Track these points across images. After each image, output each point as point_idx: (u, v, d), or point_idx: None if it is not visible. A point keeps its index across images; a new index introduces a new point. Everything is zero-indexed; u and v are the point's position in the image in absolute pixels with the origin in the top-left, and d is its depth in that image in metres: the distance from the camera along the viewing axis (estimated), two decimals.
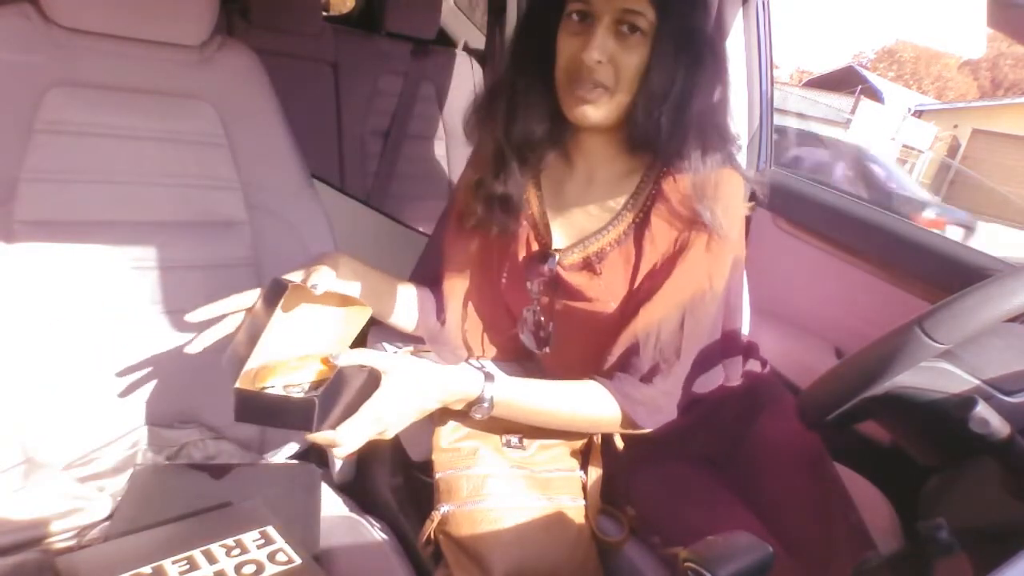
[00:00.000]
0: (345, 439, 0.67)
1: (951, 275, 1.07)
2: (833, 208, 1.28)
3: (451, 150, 2.32)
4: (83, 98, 0.87)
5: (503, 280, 0.92)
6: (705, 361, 0.84)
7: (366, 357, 0.72)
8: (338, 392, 0.70)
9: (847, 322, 1.26)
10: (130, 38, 0.89)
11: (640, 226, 0.83)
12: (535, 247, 0.88)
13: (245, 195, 0.97)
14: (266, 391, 0.68)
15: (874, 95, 18.43)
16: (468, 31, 2.52)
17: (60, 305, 0.86)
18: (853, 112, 15.69)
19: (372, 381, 0.71)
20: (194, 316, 0.76)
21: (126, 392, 0.91)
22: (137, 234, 0.91)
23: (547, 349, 0.91)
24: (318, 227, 1.04)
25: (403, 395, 0.72)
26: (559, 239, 0.88)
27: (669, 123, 0.77)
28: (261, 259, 0.98)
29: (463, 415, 0.82)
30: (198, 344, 0.77)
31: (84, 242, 0.87)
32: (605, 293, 0.83)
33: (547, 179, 0.90)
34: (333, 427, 0.67)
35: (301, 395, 0.69)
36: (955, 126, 19.63)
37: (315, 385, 0.71)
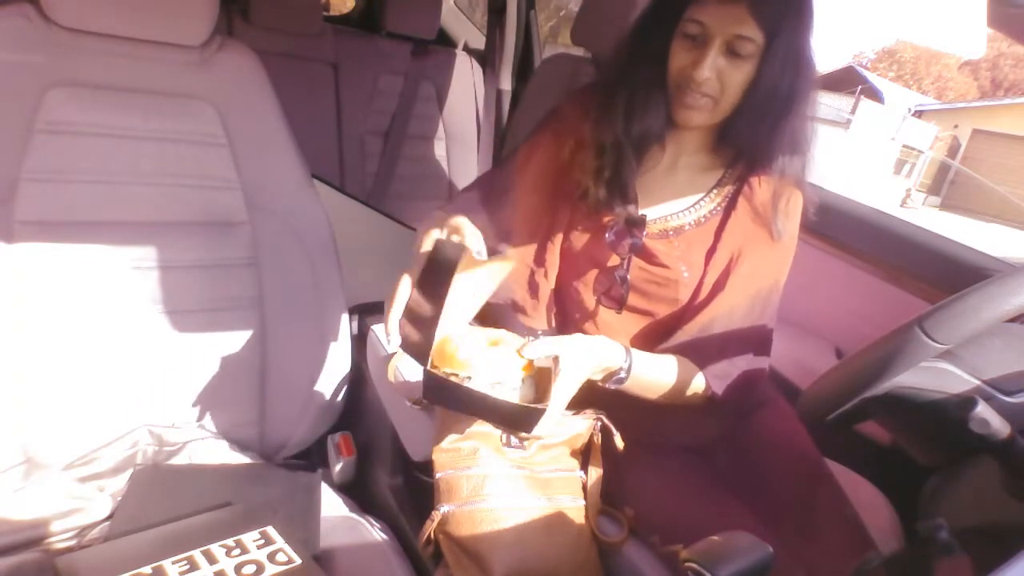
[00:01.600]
0: (551, 430, 0.80)
1: (951, 275, 1.07)
2: (833, 208, 1.28)
3: (451, 150, 2.32)
4: (83, 98, 0.87)
5: (570, 242, 0.94)
6: (759, 348, 0.92)
7: (549, 347, 0.75)
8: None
9: (847, 322, 1.26)
10: (130, 38, 0.89)
11: (721, 216, 0.91)
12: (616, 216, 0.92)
13: (245, 195, 0.97)
14: (477, 390, 0.69)
15: (874, 95, 18.43)
16: (468, 31, 2.52)
17: (60, 305, 0.86)
18: (853, 112, 15.68)
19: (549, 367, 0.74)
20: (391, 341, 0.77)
21: (126, 392, 0.91)
22: (137, 234, 0.91)
23: (621, 310, 0.94)
24: (318, 227, 1.04)
25: (579, 375, 0.77)
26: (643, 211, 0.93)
27: (766, 132, 0.86)
28: (261, 259, 0.98)
29: (459, 421, 0.83)
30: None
31: (84, 242, 0.87)
32: (679, 261, 0.90)
33: None
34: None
35: (516, 396, 0.72)
36: (955, 126, 19.63)
37: (530, 386, 0.74)
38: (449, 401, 0.72)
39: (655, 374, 0.85)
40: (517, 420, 0.69)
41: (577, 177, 0.93)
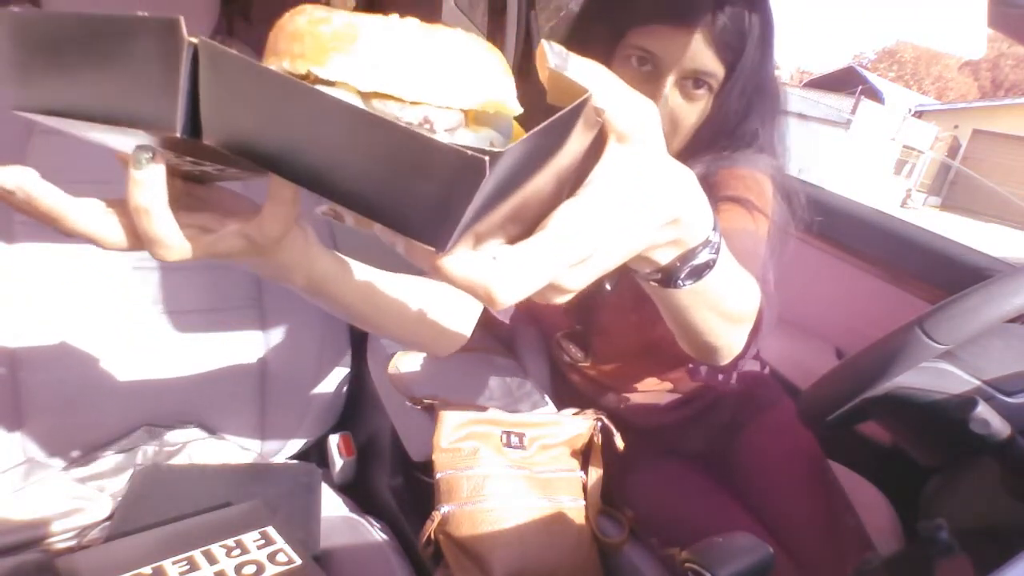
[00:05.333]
0: (513, 286, 0.26)
1: (951, 276, 1.07)
2: (833, 209, 1.28)
3: None
4: None
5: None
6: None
7: (603, 82, 0.30)
8: (530, 157, 0.25)
9: (847, 323, 1.26)
10: None
11: None
12: None
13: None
14: (337, 99, 0.23)
15: (875, 95, 18.45)
16: (468, 31, 2.52)
17: (60, 305, 0.86)
18: (853, 112, 15.69)
19: (582, 153, 0.29)
20: None
21: (126, 392, 0.91)
22: None
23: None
24: (318, 226, 1.04)
25: (635, 199, 0.30)
26: None
27: (714, 161, 0.74)
28: None
29: (461, 421, 0.82)
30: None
31: (84, 242, 0.87)
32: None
33: None
34: (477, 234, 0.27)
35: (446, 138, 0.27)
36: (955, 126, 19.65)
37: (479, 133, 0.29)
38: (271, 132, 0.25)
39: (734, 270, 0.45)
40: (422, 198, 0.23)
41: None
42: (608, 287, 0.83)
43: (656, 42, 0.67)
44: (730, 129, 0.73)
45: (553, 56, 0.28)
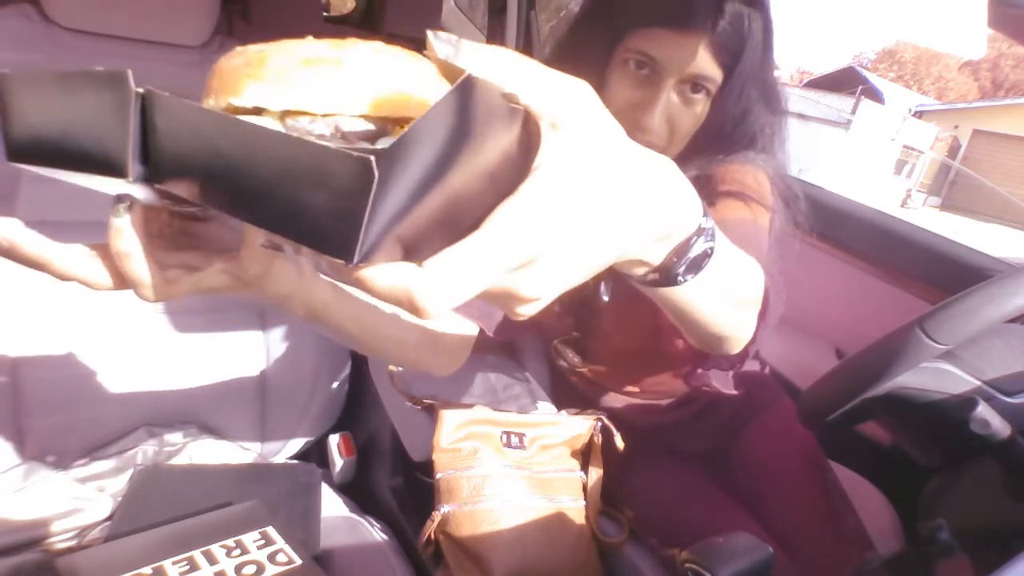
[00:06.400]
0: (438, 295, 0.23)
1: (951, 276, 1.07)
2: (833, 209, 1.28)
3: None
4: None
5: None
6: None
7: (509, 65, 0.26)
8: (433, 151, 0.23)
9: (847, 323, 1.26)
10: (131, 39, 0.89)
11: None
12: None
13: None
14: (244, 120, 0.23)
15: (875, 95, 18.45)
16: (468, 31, 2.52)
17: (60, 305, 0.86)
18: (854, 112, 15.69)
19: (515, 148, 0.27)
20: None
21: (126, 392, 0.91)
22: None
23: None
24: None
25: (588, 193, 0.26)
26: None
27: (708, 162, 0.74)
28: None
29: (461, 421, 0.82)
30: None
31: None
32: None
33: None
34: (406, 244, 0.24)
35: (336, 142, 0.24)
36: (956, 127, 19.65)
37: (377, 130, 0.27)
38: (193, 163, 0.24)
39: (735, 257, 0.42)
40: (320, 211, 0.21)
41: None
42: (605, 297, 0.81)
43: (655, 46, 0.67)
44: (727, 132, 0.73)
45: (441, 45, 0.25)
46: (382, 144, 0.23)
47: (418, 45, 0.27)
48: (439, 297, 0.22)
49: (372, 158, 0.19)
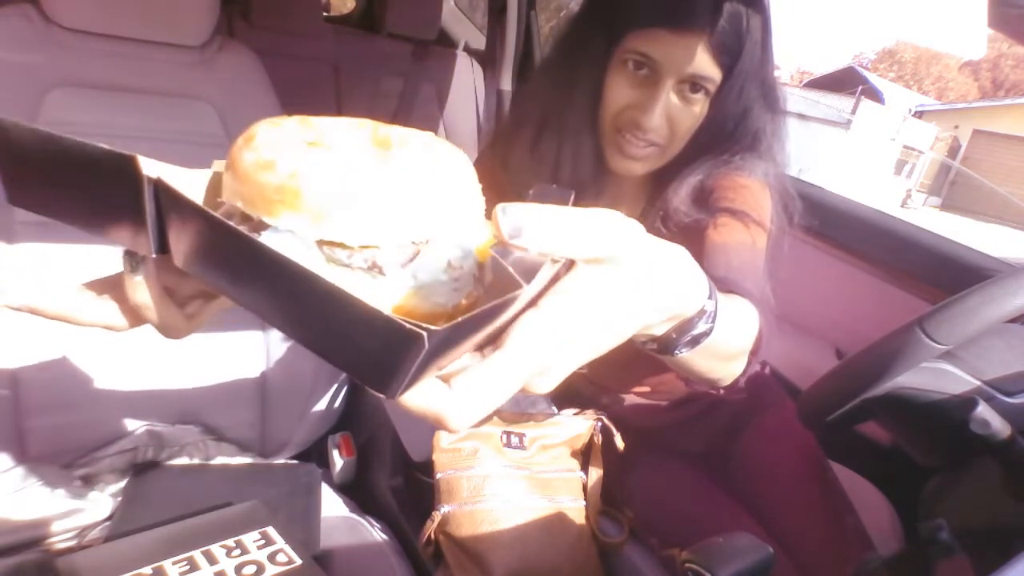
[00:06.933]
0: (466, 413, 0.25)
1: (951, 275, 1.07)
2: (833, 208, 1.28)
3: None
4: (84, 99, 0.87)
5: None
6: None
7: (575, 230, 0.26)
8: (481, 324, 0.25)
9: (847, 323, 1.26)
10: (131, 39, 0.89)
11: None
12: None
13: None
14: (288, 258, 0.22)
15: (875, 96, 18.45)
16: (469, 32, 2.52)
17: None
18: (854, 113, 15.69)
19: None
20: None
21: (126, 392, 0.91)
22: None
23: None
24: None
25: (611, 306, 0.29)
26: None
27: (708, 166, 0.74)
28: None
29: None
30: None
31: (85, 243, 0.87)
32: None
33: None
34: (445, 379, 0.25)
35: (384, 288, 0.27)
36: (956, 127, 19.65)
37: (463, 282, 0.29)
38: (228, 278, 0.26)
39: (733, 319, 0.45)
40: (364, 351, 0.22)
41: None
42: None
43: (654, 47, 0.67)
44: (729, 131, 0.73)
45: (506, 224, 0.24)
46: (419, 265, 0.26)
47: (419, 45, 0.28)
48: (466, 416, 0.24)
49: (425, 335, 0.20)
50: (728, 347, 0.44)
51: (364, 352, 0.22)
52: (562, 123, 0.74)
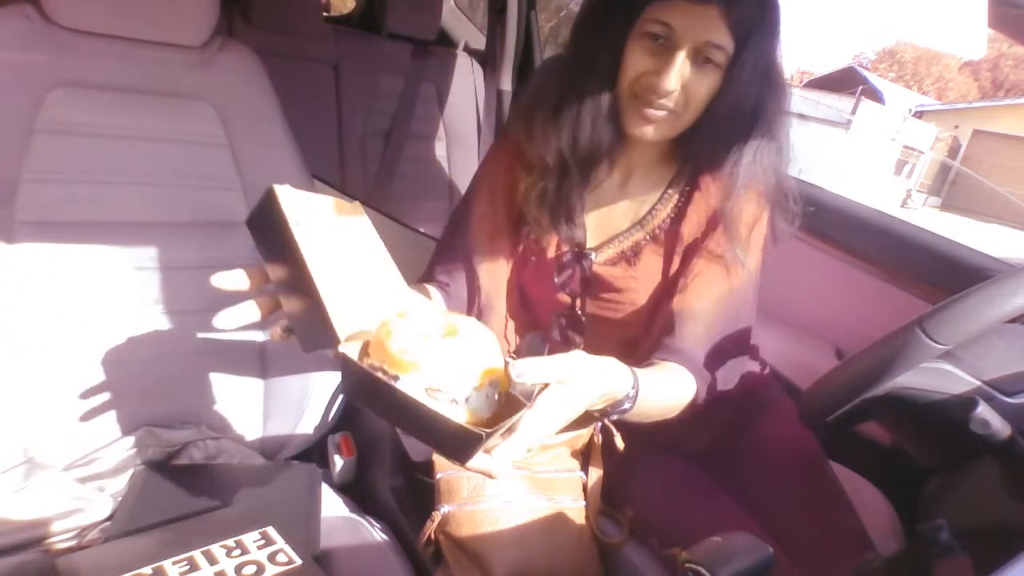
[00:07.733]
0: (502, 467, 0.52)
1: (951, 275, 1.07)
2: (833, 208, 1.28)
3: (452, 151, 2.32)
4: (84, 98, 0.87)
5: (526, 276, 0.92)
6: (734, 350, 0.85)
7: (546, 371, 0.55)
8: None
9: (847, 322, 1.26)
10: (131, 39, 0.89)
11: (675, 221, 0.85)
12: (565, 247, 0.88)
13: (246, 195, 0.97)
14: (405, 393, 0.49)
15: (875, 96, 18.46)
16: (468, 32, 2.52)
17: (60, 305, 0.86)
18: (854, 113, 15.69)
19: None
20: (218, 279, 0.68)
21: (126, 392, 0.91)
22: (138, 235, 0.91)
23: (580, 341, 0.92)
24: None
25: (575, 406, 0.57)
26: (592, 237, 0.88)
27: (727, 149, 0.79)
28: (261, 260, 0.98)
29: None
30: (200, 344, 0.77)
31: (85, 243, 0.87)
32: (639, 284, 0.86)
33: None
34: (487, 451, 0.51)
35: (461, 411, 0.51)
36: (956, 127, 19.66)
37: (486, 400, 0.53)
38: (373, 402, 0.52)
39: (657, 394, 0.70)
40: (449, 443, 0.49)
41: (522, 204, 0.86)
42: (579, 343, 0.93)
43: (674, 15, 0.72)
44: (747, 112, 0.77)
45: (516, 372, 0.53)
46: (474, 399, 0.52)
47: (418, 45, 0.28)
48: (502, 471, 0.52)
49: (483, 435, 0.47)
50: (651, 411, 0.72)
51: (450, 443, 0.49)
52: (583, 91, 0.79)
